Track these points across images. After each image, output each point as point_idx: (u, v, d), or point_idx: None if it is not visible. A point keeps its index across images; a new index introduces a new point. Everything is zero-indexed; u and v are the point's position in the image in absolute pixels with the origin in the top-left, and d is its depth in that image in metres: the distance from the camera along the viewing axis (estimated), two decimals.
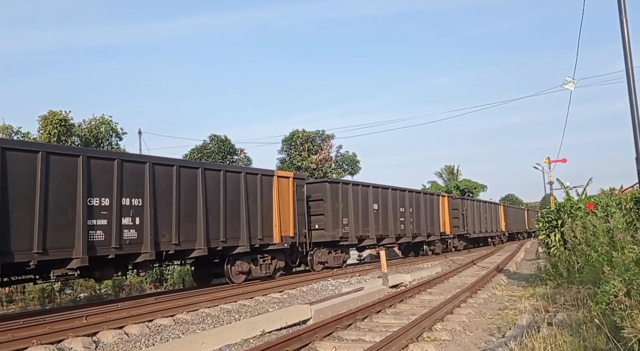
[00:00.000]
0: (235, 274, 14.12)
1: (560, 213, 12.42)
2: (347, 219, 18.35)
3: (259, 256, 14.73)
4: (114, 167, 10.70)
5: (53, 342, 7.59)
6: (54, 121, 24.33)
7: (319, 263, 17.64)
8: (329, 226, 17.60)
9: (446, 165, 68.44)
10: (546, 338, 5.39)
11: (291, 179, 16.06)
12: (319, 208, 17.70)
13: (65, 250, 9.64)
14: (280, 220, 15.21)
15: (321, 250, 17.78)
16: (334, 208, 17.78)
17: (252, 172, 15.01)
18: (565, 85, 18.83)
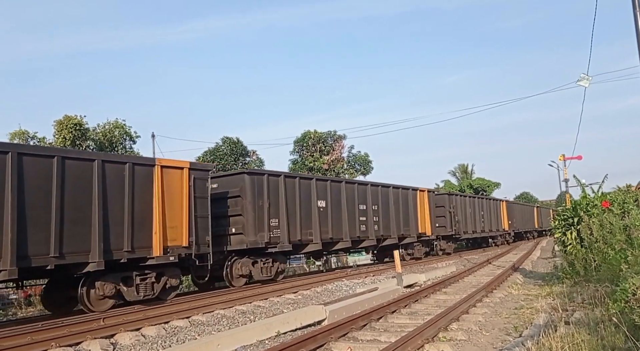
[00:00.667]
0: (96, 299, 10.40)
1: (576, 211, 12.28)
2: (276, 220, 14.60)
3: (135, 274, 10.94)
4: None
5: (71, 344, 7.69)
6: (69, 126, 24.64)
7: (240, 276, 13.99)
8: (250, 229, 13.83)
9: (460, 164, 68.06)
10: (564, 337, 5.33)
11: (186, 170, 11.95)
12: (237, 206, 14.08)
13: None
14: (165, 225, 11.32)
15: (242, 260, 13.96)
16: (256, 206, 14.02)
17: (117, 160, 11.09)
18: (579, 82, 18.64)
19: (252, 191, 14.10)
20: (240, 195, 14.06)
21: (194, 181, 12.10)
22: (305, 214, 15.91)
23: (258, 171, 15.19)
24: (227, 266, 13.70)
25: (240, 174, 14.63)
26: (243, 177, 14.30)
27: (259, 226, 14.06)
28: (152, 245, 11.09)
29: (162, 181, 11.46)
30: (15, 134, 25.02)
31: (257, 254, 14.38)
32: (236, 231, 14.01)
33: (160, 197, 11.34)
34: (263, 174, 14.72)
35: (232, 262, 13.84)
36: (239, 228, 13.94)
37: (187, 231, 11.83)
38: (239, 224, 13.98)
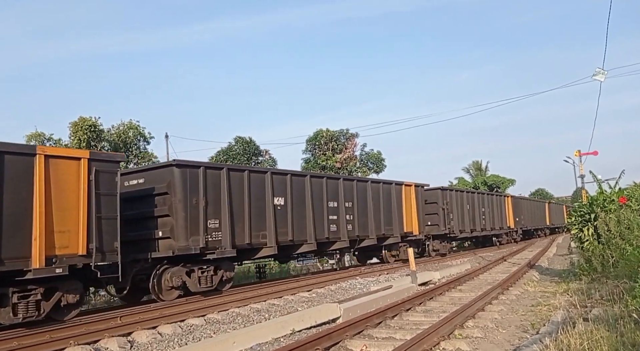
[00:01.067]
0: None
1: (593, 207, 12.13)
2: (217, 222, 12.23)
3: (12, 291, 8.64)
4: None
5: (90, 342, 7.78)
6: (84, 127, 24.90)
7: (170, 288, 11.62)
8: (180, 232, 11.48)
9: (474, 161, 67.55)
10: (582, 334, 5.27)
11: (84, 161, 9.63)
12: (164, 205, 11.73)
13: None
14: (51, 230, 9.01)
15: (173, 269, 11.57)
16: (189, 205, 11.64)
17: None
18: (595, 76, 18.43)
19: (184, 186, 11.64)
20: (168, 192, 11.65)
21: (96, 175, 9.69)
22: (258, 214, 13.45)
23: (191, 162, 12.14)
24: (154, 276, 11.26)
25: (167, 166, 12.11)
26: (171, 170, 11.76)
27: (192, 229, 11.65)
28: (32, 255, 8.69)
29: (47, 174, 9.07)
30: (32, 136, 25.35)
31: (195, 262, 12.02)
32: (163, 234, 11.63)
33: (44, 194, 8.94)
34: (198, 167, 12.16)
35: (161, 272, 11.42)
36: (167, 231, 11.58)
37: (84, 236, 9.40)
38: (167, 227, 11.62)
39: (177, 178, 11.70)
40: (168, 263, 11.62)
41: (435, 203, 23.55)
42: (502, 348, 6.48)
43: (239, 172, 13.32)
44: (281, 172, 14.94)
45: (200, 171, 12.11)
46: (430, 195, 23.56)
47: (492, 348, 6.52)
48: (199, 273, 12.00)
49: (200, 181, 12.06)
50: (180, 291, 11.84)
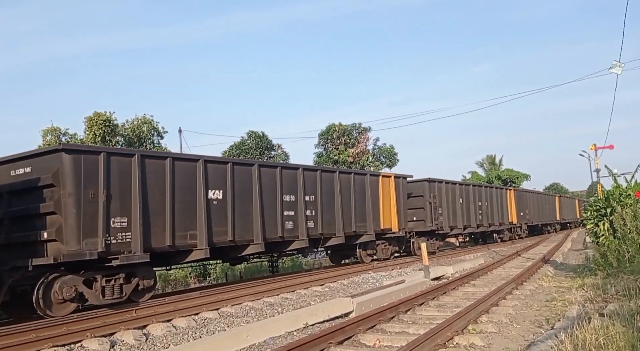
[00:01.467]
0: None
1: (608, 201, 12.00)
2: (125, 220, 9.95)
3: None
4: None
5: (106, 335, 7.88)
6: (99, 122, 25.14)
7: (63, 302, 9.34)
8: (70, 234, 9.22)
9: (487, 155, 67.02)
10: (598, 329, 5.23)
11: None
12: (51, 201, 9.43)
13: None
14: None
15: (65, 278, 9.36)
16: (83, 199, 9.40)
17: None
18: (611, 69, 18.16)
19: (75, 177, 9.35)
20: (55, 183, 9.33)
21: None
22: (184, 210, 11.12)
23: (88, 147, 9.93)
24: (39, 287, 9.03)
25: (54, 152, 9.64)
26: (59, 156, 9.39)
27: (87, 229, 9.36)
28: None
29: None
30: (48, 131, 25.66)
31: (98, 269, 9.82)
32: (49, 236, 9.26)
33: None
34: (97, 153, 9.89)
35: (50, 281, 9.18)
36: (52, 231, 9.24)
37: None
38: (53, 227, 9.29)
39: (67, 166, 9.34)
40: (66, 270, 9.49)
41: (421, 196, 21.17)
42: (516, 343, 6.44)
43: (158, 160, 10.89)
44: (219, 161, 12.65)
45: (100, 158, 9.74)
46: (415, 188, 21.20)
47: (507, 343, 6.49)
48: (103, 282, 9.81)
49: (101, 170, 9.69)
50: (76, 304, 9.71)
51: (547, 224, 41.29)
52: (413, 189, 21.12)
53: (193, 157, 12.00)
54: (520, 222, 32.50)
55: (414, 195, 21.02)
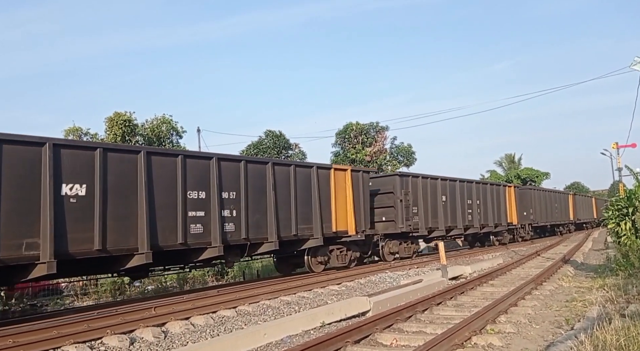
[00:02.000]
0: None
1: (631, 200, 11.78)
2: None
3: None
4: None
5: (125, 332, 7.99)
6: (119, 122, 25.50)
7: None
8: None
9: (506, 153, 66.26)
10: (619, 330, 5.15)
11: None
12: None
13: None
14: None
15: None
16: None
17: None
18: (634, 66, 17.79)
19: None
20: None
21: None
22: (20, 210, 8.52)
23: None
24: None
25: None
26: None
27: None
28: None
29: None
30: (70, 130, 26.13)
31: None
32: None
33: None
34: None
35: None
36: None
37: None
38: None
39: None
40: None
41: (391, 193, 18.18)
42: (535, 344, 6.37)
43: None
44: (81, 146, 9.86)
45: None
46: (385, 183, 18.36)
47: (525, 344, 6.42)
48: None
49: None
50: None
51: (559, 225, 37.12)
52: (382, 184, 18.43)
53: (34, 140, 8.86)
54: (523, 222, 29.16)
55: (382, 192, 18.22)
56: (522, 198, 29.57)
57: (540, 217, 31.55)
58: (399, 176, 18.73)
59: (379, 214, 18.25)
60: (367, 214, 16.72)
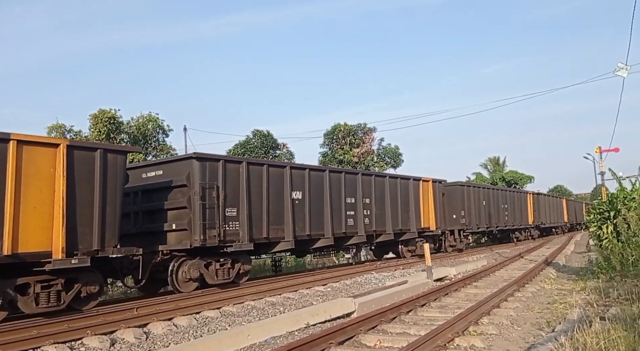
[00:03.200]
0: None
1: (613, 204, 11.94)
2: None
3: None
4: None
5: (106, 333, 7.90)
6: (104, 119, 25.22)
7: None
8: None
9: (491, 156, 66.85)
10: (599, 333, 5.20)
11: None
12: None
13: None
14: None
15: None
16: None
17: None
18: (617, 72, 18.05)
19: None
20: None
21: None
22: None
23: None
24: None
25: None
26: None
27: None
28: None
29: None
30: (53, 127, 25.75)
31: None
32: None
33: None
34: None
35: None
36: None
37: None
38: None
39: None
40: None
41: (184, 187, 11.61)
42: (516, 346, 6.43)
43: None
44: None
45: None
46: (173, 171, 11.88)
47: (507, 346, 6.47)
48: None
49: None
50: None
51: (514, 230, 31.79)
52: (172, 173, 12.02)
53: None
54: (451, 228, 23.40)
55: (175, 184, 11.94)
56: (452, 197, 23.72)
57: (479, 221, 25.63)
58: (197, 159, 11.75)
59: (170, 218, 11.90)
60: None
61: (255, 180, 12.88)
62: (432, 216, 21.08)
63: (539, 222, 35.76)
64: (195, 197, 11.41)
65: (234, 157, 17.74)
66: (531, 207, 34.73)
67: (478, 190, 26.52)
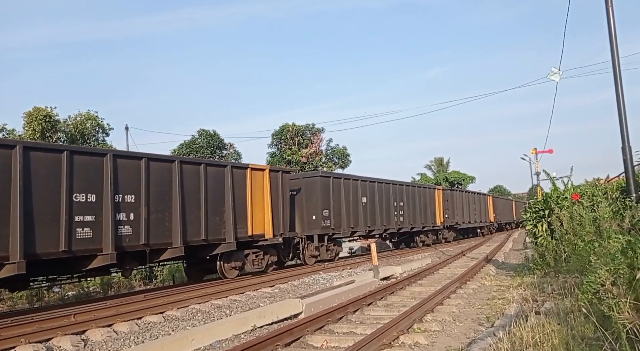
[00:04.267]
0: None
1: (547, 203, 12.52)
2: None
3: None
4: None
5: (41, 341, 7.52)
6: (39, 118, 24.04)
7: None
8: None
9: (436, 157, 68.79)
10: (534, 327, 5.43)
11: None
12: None
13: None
14: None
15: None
16: None
17: None
18: (550, 76, 18.96)
19: None
20: None
21: None
22: None
23: None
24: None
25: None
26: None
27: None
28: None
29: None
30: None
31: None
32: None
33: None
34: None
35: None
36: None
37: None
38: None
39: None
40: None
41: None
42: (458, 342, 6.61)
43: None
44: None
45: None
46: None
47: (449, 342, 6.65)
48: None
49: None
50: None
51: (419, 233, 27.13)
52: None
53: None
54: (309, 233, 17.98)
55: None
56: (311, 193, 18.17)
57: (354, 222, 20.16)
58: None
59: None
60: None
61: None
62: (267, 219, 14.95)
63: (453, 222, 30.87)
64: None
65: None
66: (440, 205, 29.23)
67: (355, 184, 20.26)
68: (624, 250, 5.08)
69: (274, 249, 15.84)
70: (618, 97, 9.74)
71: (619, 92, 9.74)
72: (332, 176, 19.19)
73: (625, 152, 9.67)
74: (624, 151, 9.69)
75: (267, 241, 15.12)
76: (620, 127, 9.72)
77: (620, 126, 9.72)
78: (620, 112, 9.72)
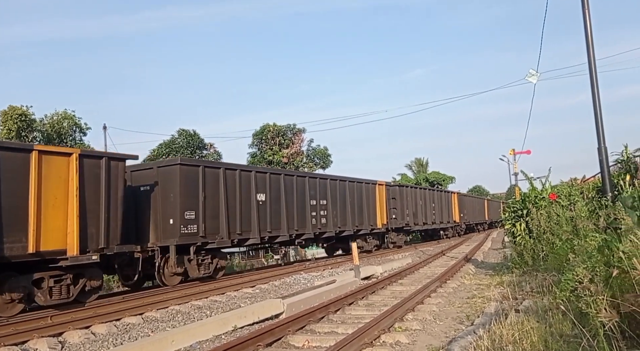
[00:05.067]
0: None
1: (525, 203, 12.70)
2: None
3: None
4: None
5: (17, 343, 7.37)
6: (14, 116, 23.56)
7: None
8: None
9: (416, 157, 69.31)
10: (514, 325, 5.49)
11: None
12: None
13: None
14: None
15: None
16: None
17: None
18: (528, 78, 19.26)
19: None
20: None
21: None
22: None
23: None
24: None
25: None
26: None
27: None
28: None
29: None
30: None
31: None
32: None
33: None
34: None
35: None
36: None
37: None
38: None
39: None
40: None
41: None
42: (438, 340, 6.66)
43: None
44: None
45: None
46: None
47: (430, 340, 6.70)
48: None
49: None
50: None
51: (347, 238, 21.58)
52: None
53: None
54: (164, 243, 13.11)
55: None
56: (167, 188, 13.13)
57: (237, 226, 14.80)
58: None
59: None
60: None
61: None
62: (72, 227, 10.07)
63: (403, 224, 26.09)
64: None
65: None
66: (383, 204, 24.82)
67: (247, 176, 15.41)
68: (600, 248, 5.17)
69: (97, 270, 10.93)
70: (594, 99, 9.93)
71: (595, 93, 9.92)
72: (202, 165, 13.90)
73: (601, 153, 9.86)
74: (600, 151, 9.87)
75: (69, 261, 9.94)
76: (596, 128, 9.91)
77: (596, 127, 9.91)
78: (597, 114, 9.91)
